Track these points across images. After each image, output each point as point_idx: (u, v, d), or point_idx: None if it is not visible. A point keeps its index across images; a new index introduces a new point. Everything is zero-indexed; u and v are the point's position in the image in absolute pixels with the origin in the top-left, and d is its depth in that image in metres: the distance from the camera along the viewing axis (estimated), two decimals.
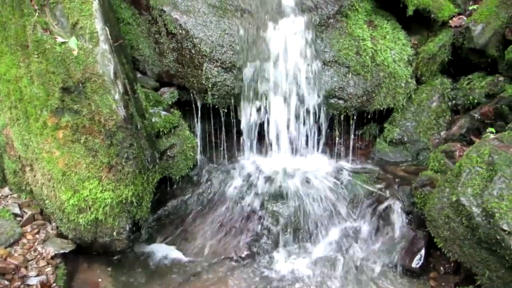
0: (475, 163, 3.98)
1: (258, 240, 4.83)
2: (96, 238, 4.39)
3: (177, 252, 4.85)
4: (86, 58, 3.95)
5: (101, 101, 3.98)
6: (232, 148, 5.80)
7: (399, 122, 5.81)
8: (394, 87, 5.63)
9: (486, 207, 3.65)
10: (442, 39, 5.78)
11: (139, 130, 4.29)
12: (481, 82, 5.69)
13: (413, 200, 4.81)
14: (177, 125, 5.22)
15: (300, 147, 5.63)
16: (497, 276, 3.74)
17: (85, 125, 4.06)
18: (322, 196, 5.03)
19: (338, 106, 5.48)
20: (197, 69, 5.22)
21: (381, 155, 5.85)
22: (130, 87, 4.37)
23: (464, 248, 3.96)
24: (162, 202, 5.21)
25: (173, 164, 5.08)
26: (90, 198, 4.19)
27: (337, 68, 5.43)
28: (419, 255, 4.52)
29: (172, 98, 5.39)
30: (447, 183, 4.20)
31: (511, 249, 3.46)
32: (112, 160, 4.14)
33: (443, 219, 4.11)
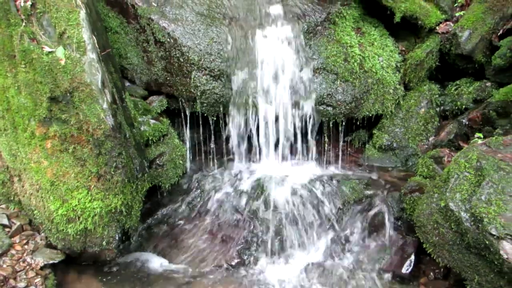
0: (463, 169, 4.00)
1: (248, 248, 4.82)
2: (86, 248, 4.37)
3: (167, 261, 4.82)
4: (74, 67, 3.93)
5: (89, 110, 3.97)
6: (221, 156, 5.81)
7: (388, 128, 5.83)
8: (383, 94, 5.65)
9: (475, 212, 3.66)
10: (429, 45, 5.81)
11: (127, 139, 4.29)
12: (468, 88, 5.73)
13: (402, 206, 4.82)
14: (166, 134, 5.23)
15: (290, 154, 5.64)
16: (486, 281, 3.74)
17: (73, 135, 4.05)
18: (312, 203, 5.03)
19: (327, 113, 5.49)
20: (186, 77, 5.22)
21: (370, 161, 5.87)
22: (119, 96, 4.37)
23: (453, 253, 3.97)
24: (152, 211, 5.21)
25: (163, 173, 5.07)
26: (79, 208, 4.17)
27: (326, 75, 5.45)
28: (409, 260, 4.53)
29: (161, 106, 5.39)
30: (436, 188, 4.21)
31: (499, 253, 3.47)
32: (101, 169, 4.12)
33: (432, 224, 4.11)
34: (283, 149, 5.59)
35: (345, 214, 5.02)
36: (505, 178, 3.73)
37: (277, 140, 5.53)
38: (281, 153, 5.60)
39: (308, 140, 5.63)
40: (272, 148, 5.55)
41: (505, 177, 3.74)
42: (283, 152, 5.61)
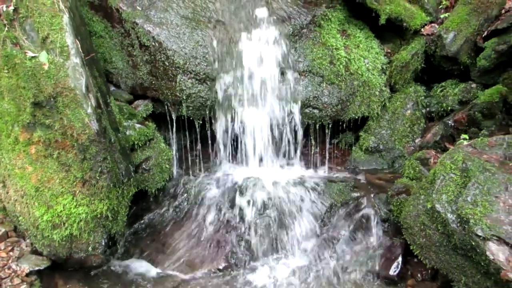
0: (449, 170, 4.01)
1: (235, 251, 4.81)
2: (72, 254, 4.34)
3: (154, 267, 4.80)
4: (57, 72, 3.91)
5: (73, 115, 3.94)
6: (208, 159, 5.79)
7: (374, 130, 5.84)
8: (369, 96, 5.66)
9: (461, 213, 3.67)
10: (414, 47, 5.82)
11: (112, 144, 4.26)
12: (454, 89, 5.75)
13: (389, 208, 4.83)
14: (152, 138, 5.21)
15: (276, 157, 5.63)
16: (473, 282, 3.75)
17: (58, 140, 4.02)
18: (299, 205, 5.03)
19: (313, 116, 5.50)
20: (171, 81, 5.21)
21: (357, 163, 5.87)
22: (103, 100, 4.35)
23: (440, 255, 3.98)
24: (139, 216, 5.19)
25: (149, 177, 5.05)
26: (64, 214, 4.14)
27: (311, 78, 5.46)
28: (396, 262, 4.52)
29: (147, 110, 5.37)
30: (422, 190, 4.22)
31: (486, 254, 3.47)
32: (86, 174, 4.10)
33: (419, 226, 4.12)
34: (269, 152, 5.59)
35: (332, 216, 5.01)
36: (491, 179, 3.75)
37: (264, 143, 5.52)
38: (267, 156, 5.59)
39: (295, 143, 5.63)
40: (259, 151, 5.54)
41: (490, 178, 3.75)
42: (270, 155, 5.61)
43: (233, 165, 5.68)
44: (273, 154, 5.62)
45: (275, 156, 5.64)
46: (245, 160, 5.60)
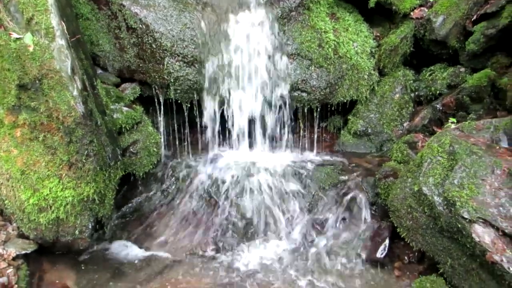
0: (436, 153, 4.02)
1: (223, 234, 4.82)
2: (58, 238, 4.33)
3: (142, 249, 4.81)
4: (42, 54, 3.86)
5: (58, 97, 3.90)
6: (196, 143, 5.77)
7: (363, 114, 5.84)
8: (357, 79, 5.65)
9: (447, 196, 3.68)
10: (403, 31, 5.80)
11: (99, 127, 4.23)
12: (442, 73, 5.74)
13: (377, 191, 4.84)
14: (139, 121, 5.17)
15: (265, 141, 5.63)
16: (459, 264, 3.78)
17: (43, 123, 3.98)
18: (287, 188, 5.04)
19: (302, 99, 5.48)
20: (159, 64, 5.17)
21: (345, 147, 5.88)
22: (89, 82, 4.31)
23: (427, 237, 4.00)
24: (126, 199, 5.18)
25: (136, 161, 5.03)
26: (50, 197, 4.12)
27: (300, 61, 5.43)
28: (383, 245, 4.54)
29: (134, 94, 5.33)
30: (409, 173, 4.23)
31: (471, 237, 3.49)
32: (72, 157, 4.07)
33: (406, 209, 4.14)
34: (258, 135, 5.58)
35: (320, 199, 5.02)
36: (478, 162, 3.76)
37: (252, 127, 5.51)
38: (256, 139, 5.59)
39: (283, 126, 5.62)
40: (247, 135, 5.54)
41: (477, 161, 3.76)
42: (258, 138, 5.61)
43: (221, 149, 5.67)
44: (262, 137, 5.61)
45: (264, 139, 5.63)
46: (233, 143, 5.59)
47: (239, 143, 5.57)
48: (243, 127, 5.50)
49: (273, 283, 4.37)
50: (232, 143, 5.59)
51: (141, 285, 4.34)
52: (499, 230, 3.45)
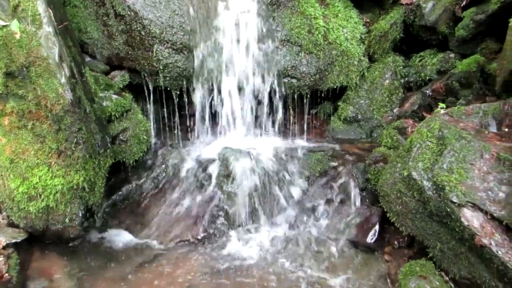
0: (426, 138, 4.03)
1: (214, 221, 4.82)
2: (49, 226, 4.31)
3: (132, 237, 4.82)
4: (29, 41, 3.82)
5: (46, 85, 3.87)
6: (186, 130, 5.77)
7: (353, 100, 5.84)
8: (347, 65, 5.65)
9: (437, 180, 3.70)
10: (393, 17, 5.80)
11: (88, 114, 4.21)
12: (432, 59, 5.76)
13: (367, 176, 4.86)
14: (129, 109, 5.15)
15: (255, 127, 5.63)
16: (448, 248, 3.80)
17: (32, 111, 3.96)
18: (278, 175, 5.04)
19: (292, 85, 5.48)
20: (148, 51, 5.14)
21: (335, 133, 5.89)
22: (78, 70, 4.28)
23: (416, 222, 4.02)
24: (117, 187, 5.15)
25: (126, 148, 5.00)
26: (40, 185, 4.10)
27: (290, 47, 5.42)
28: (374, 230, 4.57)
29: (123, 81, 5.30)
30: (399, 158, 4.24)
31: (460, 221, 3.51)
32: (61, 145, 4.05)
33: (395, 193, 4.15)
34: (247, 122, 5.58)
35: (310, 185, 5.04)
36: (466, 146, 3.77)
37: (242, 114, 5.50)
38: (245, 126, 5.59)
39: (273, 113, 5.62)
40: (237, 122, 5.53)
41: (466, 146, 3.78)
42: (248, 125, 5.61)
43: (211, 136, 5.67)
44: (252, 124, 5.61)
45: (254, 126, 5.64)
46: (223, 130, 5.59)
47: (229, 130, 5.56)
48: (233, 114, 5.49)
49: (264, 269, 4.39)
50: (222, 130, 5.59)
51: (132, 272, 4.35)
52: (488, 214, 3.47)
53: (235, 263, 4.49)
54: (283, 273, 4.34)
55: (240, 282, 4.24)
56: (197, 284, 4.20)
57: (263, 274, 4.33)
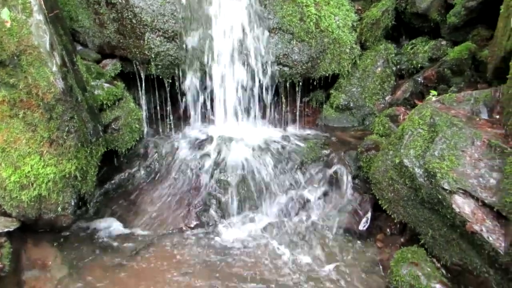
0: (417, 125, 4.04)
1: (206, 210, 4.83)
2: (41, 215, 4.32)
3: (125, 226, 4.81)
4: (20, 29, 3.81)
5: (38, 73, 3.86)
6: (178, 119, 5.77)
7: (345, 88, 5.84)
8: (339, 53, 5.64)
9: (428, 167, 3.71)
10: (385, 4, 5.79)
11: (79, 103, 4.20)
12: (424, 47, 5.76)
13: (359, 164, 4.87)
14: (121, 98, 5.14)
15: (247, 116, 5.63)
16: (439, 235, 3.82)
17: (23, 99, 3.95)
18: (270, 163, 5.04)
19: (284, 73, 5.47)
20: (139, 39, 5.12)
21: (328, 121, 5.90)
22: (69, 58, 4.26)
23: (408, 209, 4.04)
24: (109, 176, 5.15)
25: (118, 137, 5.00)
26: (32, 174, 4.10)
27: (281, 35, 5.41)
28: (366, 217, 4.60)
29: (115, 70, 5.29)
30: (391, 145, 4.26)
31: (452, 207, 3.53)
32: (53, 134, 4.05)
33: (387, 181, 4.17)
34: (240, 110, 5.58)
35: (303, 173, 5.04)
36: (458, 133, 3.78)
37: (234, 102, 5.50)
38: (238, 114, 5.59)
39: (266, 101, 5.62)
40: (229, 110, 5.53)
41: (457, 133, 3.79)
42: (240, 113, 5.60)
43: (203, 124, 5.67)
44: (244, 112, 5.61)
45: (246, 114, 5.63)
46: (216, 119, 5.58)
47: (221, 118, 5.55)
48: (225, 102, 5.48)
49: (257, 256, 4.41)
50: (214, 118, 5.59)
51: (125, 261, 4.35)
52: (479, 201, 3.50)
53: (227, 251, 4.49)
54: (276, 260, 4.35)
55: (233, 270, 4.25)
56: (190, 272, 4.20)
57: (256, 262, 4.34)
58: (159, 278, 4.14)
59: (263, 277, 4.15)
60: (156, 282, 4.08)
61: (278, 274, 4.19)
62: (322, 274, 4.19)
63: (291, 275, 4.17)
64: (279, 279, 4.12)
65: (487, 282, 3.54)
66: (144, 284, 4.07)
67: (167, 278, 4.14)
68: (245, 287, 4.04)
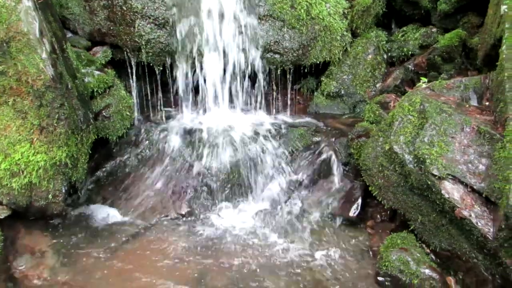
0: (407, 112, 4.05)
1: (197, 197, 4.85)
2: (32, 202, 4.29)
3: (117, 213, 4.83)
4: (9, 16, 3.79)
5: (27, 60, 3.84)
6: (169, 106, 5.76)
7: (336, 75, 5.84)
8: (330, 41, 5.63)
9: (418, 154, 3.73)
10: None
11: (69, 90, 4.18)
12: (415, 34, 5.77)
13: (349, 151, 4.88)
14: (111, 85, 5.13)
15: (238, 103, 5.62)
16: (429, 220, 3.85)
17: (13, 87, 3.93)
18: (261, 150, 5.05)
19: (274, 61, 5.46)
20: (130, 27, 5.10)
21: (319, 108, 5.90)
22: (59, 45, 4.24)
23: (398, 195, 4.06)
24: (100, 164, 5.16)
25: (109, 125, 4.99)
26: (22, 162, 4.08)
27: (272, 22, 5.39)
28: (356, 204, 4.61)
29: (105, 57, 5.27)
30: (381, 132, 4.27)
31: (441, 193, 3.56)
32: (43, 121, 4.03)
33: (377, 167, 4.19)
34: (231, 98, 5.58)
35: (293, 160, 5.06)
36: (447, 120, 3.80)
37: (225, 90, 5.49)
38: (228, 102, 5.58)
39: (256, 89, 5.62)
40: (220, 98, 5.52)
41: (447, 119, 3.80)
42: (231, 101, 5.61)
43: (195, 112, 5.66)
44: (235, 99, 5.61)
45: (237, 102, 5.63)
46: (207, 106, 5.57)
47: (212, 105, 5.54)
48: (216, 90, 5.47)
49: (248, 243, 4.43)
50: (205, 105, 5.57)
51: (116, 248, 4.36)
52: (468, 186, 3.53)
53: (218, 237, 4.51)
54: (267, 247, 4.38)
55: (223, 256, 4.26)
56: (181, 259, 4.22)
57: (247, 248, 4.36)
58: (150, 264, 4.15)
59: (254, 264, 4.16)
60: (147, 269, 4.09)
61: (268, 261, 4.21)
62: (313, 261, 4.21)
63: (282, 262, 4.19)
64: (270, 266, 4.14)
65: (475, 267, 3.58)
66: (135, 270, 4.08)
67: (158, 264, 4.15)
68: (236, 274, 4.06)
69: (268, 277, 4.01)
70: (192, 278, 4.02)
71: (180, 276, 4.03)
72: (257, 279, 3.99)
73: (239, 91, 5.56)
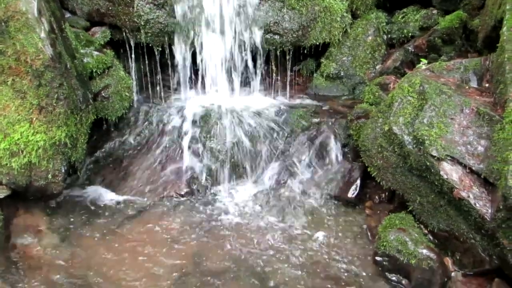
0: (407, 93, 4.05)
1: (197, 177, 4.86)
2: (31, 182, 4.30)
3: (116, 193, 4.84)
4: None
5: (26, 40, 3.83)
6: (168, 87, 5.75)
7: (336, 56, 5.83)
8: (330, 22, 5.61)
9: (417, 134, 3.73)
10: None
11: (69, 70, 4.17)
12: (415, 16, 5.75)
13: (348, 132, 4.88)
14: (110, 66, 5.12)
15: (237, 84, 5.61)
16: (427, 201, 3.86)
17: (11, 66, 3.92)
18: (260, 131, 5.05)
19: (274, 42, 5.44)
20: (128, 7, 5.08)
21: (318, 90, 5.89)
22: (57, 25, 4.22)
23: (397, 176, 4.07)
24: (100, 144, 5.17)
25: (108, 105, 4.99)
26: (21, 141, 4.08)
27: (272, 3, 5.35)
28: (355, 185, 4.62)
29: (104, 37, 5.26)
30: (380, 113, 4.27)
31: (440, 174, 3.56)
32: (42, 101, 4.03)
33: (376, 148, 4.19)
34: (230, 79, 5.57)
35: (293, 142, 5.06)
36: (447, 101, 3.80)
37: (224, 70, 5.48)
38: (228, 82, 5.57)
39: (256, 70, 5.60)
40: (219, 79, 5.51)
41: (446, 101, 3.80)
42: (231, 82, 5.59)
43: (194, 93, 5.65)
44: (234, 80, 5.59)
45: (236, 83, 5.61)
46: (206, 87, 5.56)
47: (211, 86, 5.54)
48: (215, 71, 5.46)
49: (247, 224, 4.45)
50: (204, 86, 5.57)
51: (115, 228, 4.38)
52: (467, 168, 3.53)
53: (217, 218, 4.53)
54: (266, 227, 4.40)
55: (222, 236, 4.29)
56: (179, 239, 4.24)
57: (246, 229, 4.38)
58: (150, 244, 4.17)
59: (253, 245, 4.19)
60: (146, 249, 4.12)
61: (268, 241, 4.23)
62: (311, 241, 4.23)
63: (281, 242, 4.21)
64: (269, 246, 4.17)
65: (473, 247, 3.60)
66: (135, 250, 4.11)
67: (158, 245, 4.17)
68: (234, 254, 4.09)
69: (265, 257, 4.03)
70: (190, 256, 4.05)
71: (178, 255, 4.06)
72: (254, 259, 4.02)
73: (238, 72, 5.54)
